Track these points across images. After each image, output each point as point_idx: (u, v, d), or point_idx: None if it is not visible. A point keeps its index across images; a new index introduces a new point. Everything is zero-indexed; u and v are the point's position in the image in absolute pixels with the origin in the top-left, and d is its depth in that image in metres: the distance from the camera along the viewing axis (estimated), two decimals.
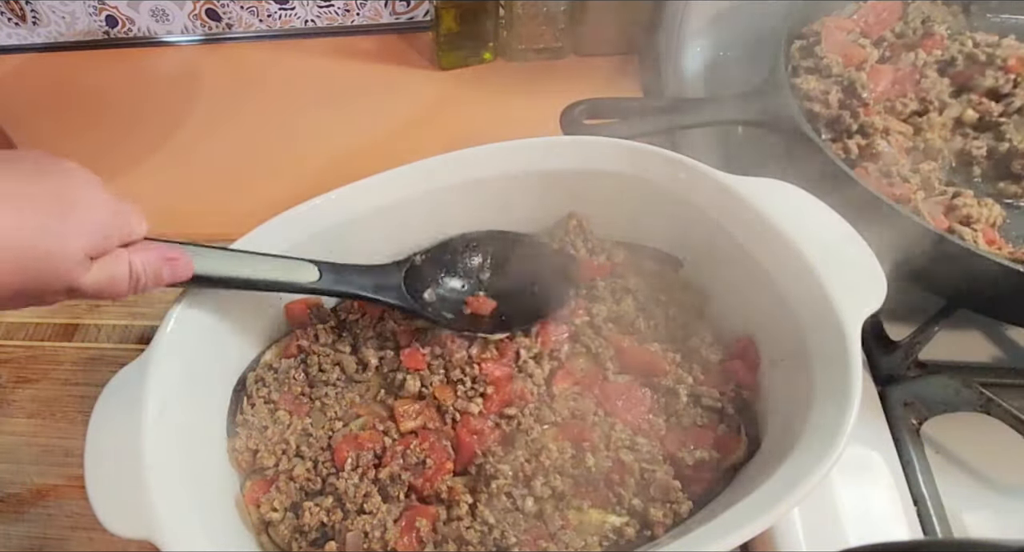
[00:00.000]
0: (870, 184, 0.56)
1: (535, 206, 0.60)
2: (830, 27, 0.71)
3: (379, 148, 0.82)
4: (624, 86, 0.87)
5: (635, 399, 0.51)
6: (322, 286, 0.51)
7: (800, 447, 0.41)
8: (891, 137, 0.63)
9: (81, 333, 0.68)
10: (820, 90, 0.66)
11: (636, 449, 0.49)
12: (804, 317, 0.47)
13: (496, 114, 0.86)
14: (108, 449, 0.43)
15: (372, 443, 0.50)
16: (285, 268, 0.50)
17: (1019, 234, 0.60)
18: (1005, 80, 0.66)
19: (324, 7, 0.96)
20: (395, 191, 0.56)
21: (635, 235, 0.60)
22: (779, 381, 0.50)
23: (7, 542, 0.56)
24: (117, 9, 0.97)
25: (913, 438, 0.54)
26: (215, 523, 0.45)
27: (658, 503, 0.46)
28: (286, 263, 0.50)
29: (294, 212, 0.54)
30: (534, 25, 0.87)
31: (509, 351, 0.54)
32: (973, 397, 0.53)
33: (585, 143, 0.57)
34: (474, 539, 0.45)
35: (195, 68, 0.97)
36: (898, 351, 0.57)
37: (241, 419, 0.52)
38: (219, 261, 0.47)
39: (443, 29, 0.87)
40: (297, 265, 0.50)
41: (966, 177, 0.64)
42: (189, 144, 0.87)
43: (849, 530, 0.48)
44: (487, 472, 0.48)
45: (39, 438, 0.61)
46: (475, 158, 0.57)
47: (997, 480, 0.53)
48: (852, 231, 0.50)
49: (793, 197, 0.52)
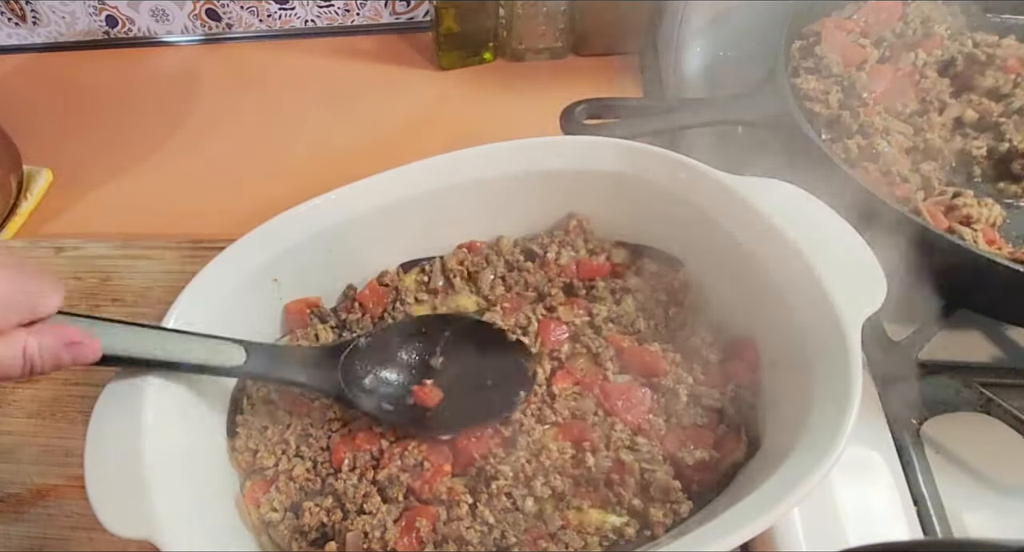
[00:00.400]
0: (870, 184, 0.56)
1: (535, 206, 0.60)
2: (830, 27, 0.71)
3: (379, 148, 0.82)
4: (624, 86, 0.87)
5: (635, 399, 0.51)
6: (248, 369, 0.47)
7: (800, 447, 0.41)
8: (891, 137, 0.63)
9: None
10: (820, 90, 0.67)
11: (636, 449, 0.48)
12: (804, 317, 0.47)
13: (496, 114, 0.86)
14: (108, 449, 0.43)
15: (369, 444, 0.50)
16: (208, 348, 0.46)
17: (1019, 234, 0.60)
18: (1005, 80, 0.66)
19: (324, 7, 0.96)
20: (395, 191, 0.56)
21: (635, 235, 0.60)
22: (779, 381, 0.50)
23: (7, 542, 0.56)
24: (117, 9, 0.97)
25: (913, 438, 0.54)
26: (215, 523, 0.45)
27: (658, 503, 0.46)
28: (209, 343, 0.46)
29: (294, 212, 0.54)
30: (534, 25, 0.87)
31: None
32: (973, 397, 0.53)
33: (585, 143, 0.57)
34: (474, 539, 0.45)
35: (195, 68, 0.97)
36: (898, 351, 0.57)
37: (241, 419, 0.52)
38: (133, 340, 0.43)
39: (443, 29, 0.87)
40: (222, 346, 0.47)
41: (966, 177, 0.64)
42: (189, 144, 0.87)
43: (849, 530, 0.48)
44: (487, 472, 0.48)
45: (39, 438, 0.61)
46: (475, 158, 0.57)
47: (997, 480, 0.53)
48: (852, 231, 0.50)
49: (793, 197, 0.52)
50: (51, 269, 0.72)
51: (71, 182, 0.84)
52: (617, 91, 0.85)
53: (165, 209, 0.80)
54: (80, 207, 0.82)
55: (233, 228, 0.53)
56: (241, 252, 0.52)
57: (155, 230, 0.77)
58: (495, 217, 0.60)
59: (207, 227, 0.75)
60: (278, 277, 0.54)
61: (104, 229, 0.78)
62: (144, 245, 0.73)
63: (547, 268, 0.59)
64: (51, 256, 0.73)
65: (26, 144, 0.83)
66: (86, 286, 0.71)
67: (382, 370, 0.52)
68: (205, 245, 0.71)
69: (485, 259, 0.60)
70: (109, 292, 0.70)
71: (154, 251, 0.72)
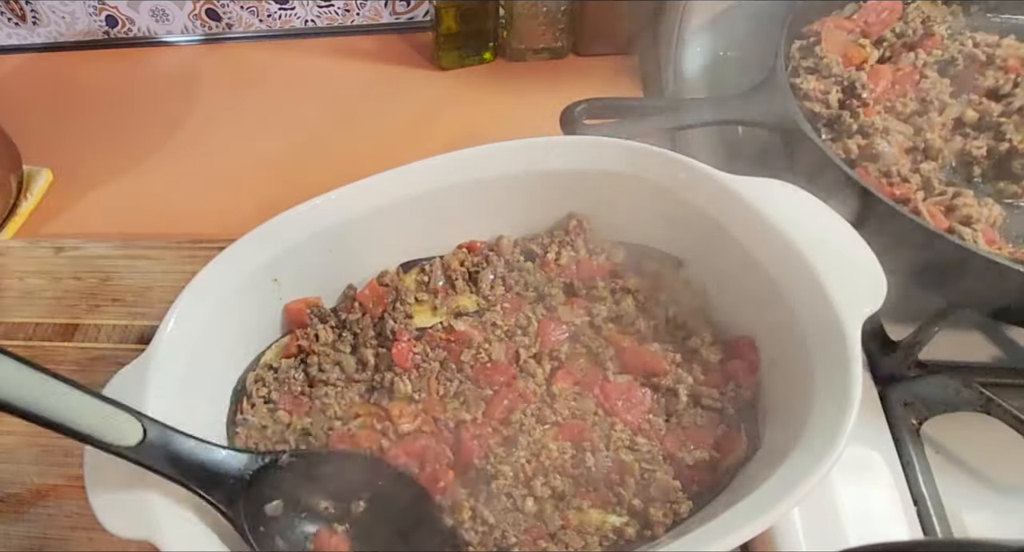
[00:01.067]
0: (870, 184, 0.56)
1: (535, 206, 0.60)
2: (830, 27, 0.71)
3: (379, 148, 0.82)
4: (624, 86, 0.87)
5: (635, 399, 0.51)
6: (138, 456, 0.39)
7: (800, 447, 0.41)
8: (891, 137, 0.63)
9: (81, 333, 0.68)
10: (820, 90, 0.67)
11: (636, 449, 0.49)
12: (804, 317, 0.47)
13: (496, 114, 0.86)
14: None
15: (369, 443, 0.50)
16: (103, 417, 0.39)
17: (1019, 234, 0.60)
18: (1005, 80, 0.66)
19: (324, 7, 0.96)
20: (395, 191, 0.56)
21: (635, 235, 0.60)
22: (779, 381, 0.50)
23: (7, 542, 0.56)
24: (117, 9, 0.97)
25: (913, 438, 0.54)
26: (215, 523, 0.45)
27: (658, 503, 0.46)
28: (107, 410, 0.39)
29: (294, 212, 0.53)
30: (534, 25, 0.87)
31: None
32: (973, 397, 0.53)
33: (585, 143, 0.57)
34: (474, 539, 0.45)
35: (195, 68, 0.97)
36: (898, 351, 0.57)
37: (241, 419, 0.52)
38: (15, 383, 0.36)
39: (443, 29, 0.87)
40: (119, 418, 0.39)
41: (966, 177, 0.64)
42: (189, 144, 0.87)
43: (849, 530, 0.48)
44: (487, 472, 0.48)
45: (39, 438, 0.61)
46: (475, 158, 0.57)
47: (997, 480, 0.53)
48: (852, 231, 0.50)
49: (793, 197, 0.52)
50: (51, 269, 0.72)
51: (71, 182, 0.84)
52: (617, 91, 0.85)
53: (165, 209, 0.80)
54: (80, 207, 0.82)
55: (233, 228, 0.53)
56: (241, 252, 0.52)
57: (155, 230, 0.77)
58: (495, 217, 0.60)
59: (207, 227, 0.75)
60: (278, 277, 0.54)
61: (104, 229, 0.78)
62: (144, 245, 0.73)
63: (547, 268, 0.59)
64: (51, 256, 0.73)
65: (26, 144, 0.83)
66: (86, 286, 0.71)
67: (293, 498, 0.45)
68: (205, 245, 0.71)
69: (485, 259, 0.60)
70: (109, 292, 0.70)
71: (154, 251, 0.72)
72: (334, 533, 0.46)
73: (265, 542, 0.43)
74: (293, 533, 0.44)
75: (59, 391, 0.38)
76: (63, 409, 0.37)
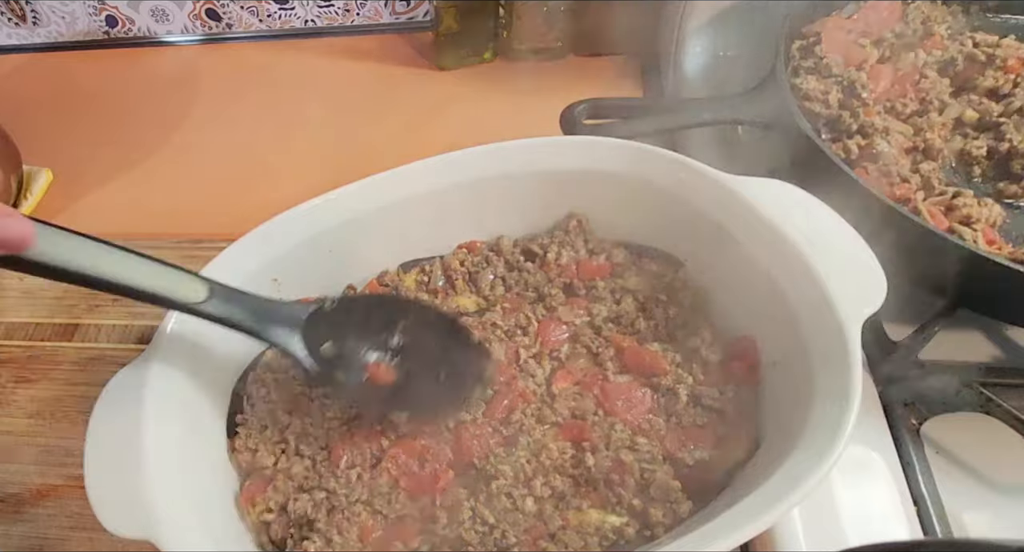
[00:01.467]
0: (870, 184, 0.56)
1: (535, 206, 0.60)
2: (830, 27, 0.71)
3: (380, 148, 0.82)
4: (624, 86, 0.87)
5: (635, 399, 0.51)
6: (206, 309, 0.44)
7: (800, 447, 0.41)
8: (891, 137, 0.63)
9: (81, 333, 0.68)
10: (820, 90, 0.67)
11: (636, 449, 0.49)
12: (804, 317, 0.47)
13: (496, 114, 0.86)
14: (108, 449, 0.43)
15: (369, 443, 0.50)
16: (168, 278, 0.43)
17: (1019, 234, 0.60)
18: (1005, 80, 0.66)
19: (324, 7, 0.96)
20: (396, 191, 0.56)
21: (635, 235, 0.60)
22: (779, 381, 0.50)
23: (7, 542, 0.56)
24: (117, 9, 0.97)
25: (913, 438, 0.54)
26: (215, 523, 0.45)
27: (658, 503, 0.46)
28: (169, 273, 0.43)
29: (294, 212, 0.54)
30: (534, 25, 0.87)
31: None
32: (973, 397, 0.53)
33: (585, 143, 0.57)
34: (474, 539, 0.45)
35: (195, 68, 0.97)
36: (898, 351, 0.57)
37: (241, 418, 0.52)
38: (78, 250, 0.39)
39: (443, 29, 0.87)
40: (183, 278, 0.44)
41: (966, 177, 0.64)
42: (189, 144, 0.87)
43: (849, 530, 0.48)
44: (487, 472, 0.48)
45: (39, 438, 0.61)
46: (475, 158, 0.57)
47: (997, 480, 0.53)
48: (852, 231, 0.50)
49: (793, 197, 0.52)
50: None
51: (71, 182, 0.84)
52: (617, 91, 0.85)
53: (165, 209, 0.80)
54: (80, 207, 0.82)
55: (233, 228, 0.53)
56: (241, 252, 0.52)
57: (155, 230, 0.76)
58: (495, 217, 0.60)
59: (207, 227, 0.74)
60: (278, 277, 0.54)
61: (104, 229, 0.76)
62: (144, 245, 0.72)
63: (547, 268, 0.59)
64: None
65: (26, 144, 0.83)
66: None
67: (341, 339, 0.50)
68: (205, 245, 0.71)
69: (485, 259, 0.60)
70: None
71: (154, 251, 0.72)
72: (380, 364, 0.51)
73: (323, 379, 0.49)
74: (349, 368, 0.50)
75: (130, 261, 0.41)
76: (137, 276, 0.41)
